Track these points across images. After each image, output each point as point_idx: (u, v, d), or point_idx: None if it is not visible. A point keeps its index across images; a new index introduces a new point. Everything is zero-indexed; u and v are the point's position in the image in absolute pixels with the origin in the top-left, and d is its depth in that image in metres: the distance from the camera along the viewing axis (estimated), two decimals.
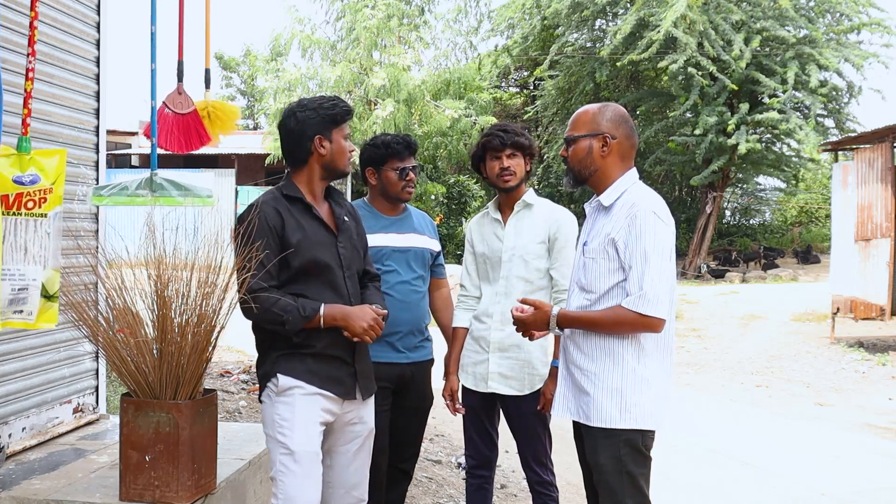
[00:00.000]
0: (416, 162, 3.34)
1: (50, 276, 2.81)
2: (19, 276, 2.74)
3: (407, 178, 3.28)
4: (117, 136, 23.16)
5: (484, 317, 3.23)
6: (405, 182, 3.29)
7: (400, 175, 3.28)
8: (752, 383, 8.53)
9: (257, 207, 2.63)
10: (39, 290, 2.78)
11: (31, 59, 2.89)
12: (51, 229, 2.79)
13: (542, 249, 3.18)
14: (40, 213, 2.76)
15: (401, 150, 3.28)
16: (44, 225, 2.77)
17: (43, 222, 2.76)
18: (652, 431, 2.51)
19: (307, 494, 2.58)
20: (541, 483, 3.20)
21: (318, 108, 2.69)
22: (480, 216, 3.38)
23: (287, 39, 19.04)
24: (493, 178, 3.21)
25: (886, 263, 10.10)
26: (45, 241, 2.77)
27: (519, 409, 3.16)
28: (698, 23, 16.41)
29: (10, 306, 2.73)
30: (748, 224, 26.84)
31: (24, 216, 2.73)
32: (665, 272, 2.41)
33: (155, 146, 3.63)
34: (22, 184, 2.71)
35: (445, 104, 17.92)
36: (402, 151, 3.28)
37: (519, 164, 3.19)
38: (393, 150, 3.28)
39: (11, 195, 2.71)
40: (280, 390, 2.61)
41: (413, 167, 3.31)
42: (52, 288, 2.82)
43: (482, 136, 3.28)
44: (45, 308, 2.80)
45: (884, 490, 4.92)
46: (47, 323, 2.84)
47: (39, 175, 2.76)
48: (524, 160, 3.21)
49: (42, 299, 2.79)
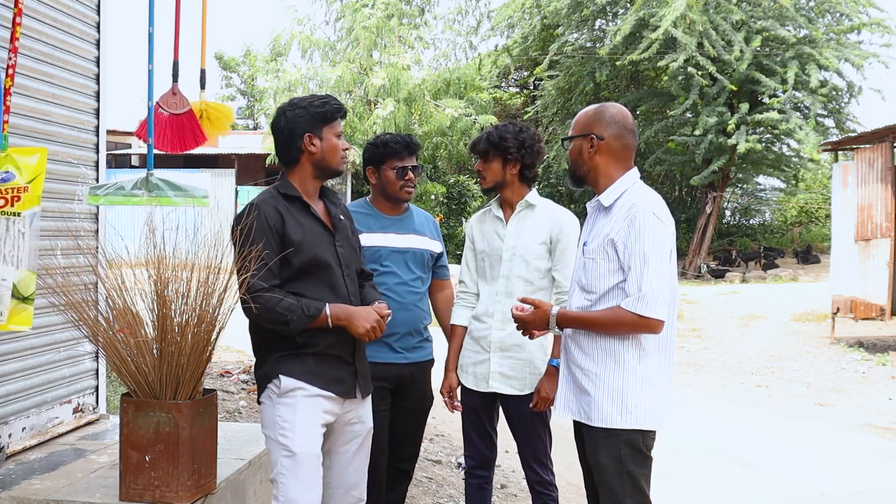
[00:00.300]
0: (416, 162, 3.33)
1: (23, 277, 2.76)
2: None
3: (406, 177, 3.28)
4: (117, 136, 23.15)
5: (484, 317, 3.22)
6: (404, 181, 3.28)
7: (398, 174, 3.27)
8: (752, 383, 8.53)
9: (257, 207, 2.63)
10: (10, 290, 2.73)
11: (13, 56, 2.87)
12: (25, 229, 2.74)
13: (544, 250, 3.17)
14: (13, 212, 2.71)
15: (400, 149, 3.27)
16: (17, 224, 2.71)
17: (16, 221, 2.70)
18: (653, 431, 2.51)
19: (308, 496, 2.57)
20: (540, 483, 3.20)
21: (308, 107, 2.69)
22: (482, 213, 3.37)
23: (287, 40, 19.04)
24: None
25: (886, 263, 10.10)
26: (18, 240, 2.71)
27: (519, 408, 3.16)
28: (698, 23, 16.40)
29: None
30: (748, 224, 26.84)
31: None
32: (664, 273, 2.41)
33: (151, 146, 3.63)
34: None
35: (445, 103, 17.92)
36: (401, 151, 3.27)
37: (489, 167, 3.18)
38: (392, 150, 3.27)
39: None
40: (282, 391, 2.60)
41: (413, 167, 3.30)
42: (27, 290, 2.77)
43: None
44: (17, 310, 2.75)
45: (884, 490, 4.92)
46: (20, 325, 2.78)
47: (14, 173, 2.72)
48: (502, 163, 3.17)
49: (14, 300, 2.73)
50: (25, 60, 3.29)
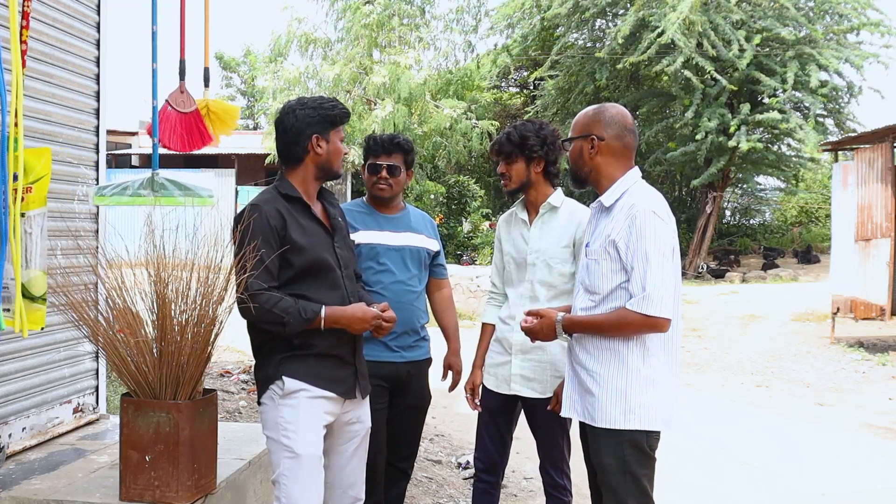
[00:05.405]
0: (394, 162, 3.30)
1: (34, 277, 2.74)
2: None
3: (378, 174, 3.28)
4: (117, 136, 23.17)
5: (508, 319, 3.20)
6: (376, 178, 3.29)
7: (370, 170, 3.30)
8: (752, 383, 8.53)
9: (258, 207, 2.62)
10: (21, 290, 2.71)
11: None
12: (31, 229, 2.73)
13: (567, 253, 3.14)
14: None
15: (376, 147, 3.31)
16: (23, 224, 2.70)
17: (21, 222, 2.68)
18: (657, 432, 2.51)
19: (310, 497, 2.57)
20: (554, 486, 3.19)
21: (319, 108, 2.68)
22: (508, 214, 3.34)
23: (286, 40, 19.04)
24: None
25: (886, 263, 10.10)
26: (25, 241, 2.70)
27: (540, 411, 3.14)
28: (697, 23, 16.39)
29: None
30: (748, 224, 26.81)
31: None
32: (667, 271, 2.41)
33: (156, 146, 3.63)
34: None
35: (445, 104, 17.91)
36: (377, 149, 3.30)
37: (515, 168, 3.14)
38: (370, 148, 3.33)
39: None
40: (285, 393, 2.60)
41: (389, 166, 3.29)
42: (38, 290, 2.75)
43: None
44: (30, 310, 2.73)
45: (884, 490, 4.92)
46: (32, 326, 2.75)
47: (17, 173, 2.72)
48: (526, 162, 3.15)
49: (26, 301, 2.72)
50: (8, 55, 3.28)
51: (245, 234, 2.55)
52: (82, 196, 3.87)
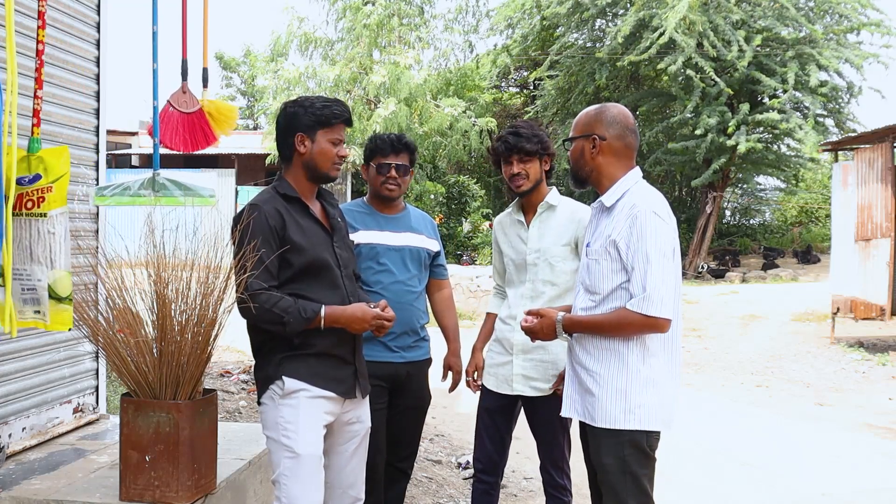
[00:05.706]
0: (403, 162, 3.31)
1: (59, 277, 2.75)
2: (26, 276, 2.72)
3: (387, 174, 3.28)
4: (117, 136, 23.17)
5: (509, 319, 3.20)
6: (385, 178, 3.29)
7: (378, 170, 3.29)
8: (752, 383, 8.53)
9: (257, 207, 2.62)
10: (46, 290, 2.74)
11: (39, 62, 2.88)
12: (54, 230, 2.75)
13: (568, 252, 3.14)
14: (39, 213, 2.73)
15: (384, 146, 3.30)
16: (46, 225, 2.74)
17: (44, 222, 2.73)
18: (657, 432, 2.51)
19: (310, 497, 2.57)
20: (554, 486, 3.20)
21: (309, 107, 2.67)
22: (505, 215, 3.34)
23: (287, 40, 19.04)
24: (508, 182, 3.20)
25: (886, 263, 10.10)
26: (48, 240, 2.74)
27: (542, 410, 3.14)
28: (697, 23, 16.39)
29: (28, 305, 2.72)
30: (748, 224, 26.80)
31: (25, 216, 2.72)
32: (668, 271, 2.41)
33: (157, 146, 3.62)
34: (22, 184, 2.70)
35: (445, 103, 17.91)
36: (386, 149, 3.29)
37: (532, 167, 3.13)
38: (376, 147, 3.31)
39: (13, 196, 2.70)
40: (286, 393, 2.59)
41: (398, 165, 3.29)
42: (63, 290, 2.75)
43: (495, 139, 3.24)
44: (56, 310, 2.75)
45: (884, 490, 4.92)
46: (59, 327, 2.77)
47: (41, 174, 2.75)
48: (539, 161, 3.15)
49: (52, 301, 2.74)
50: (25, 60, 3.28)
51: (244, 234, 2.55)
52: (82, 196, 3.87)
